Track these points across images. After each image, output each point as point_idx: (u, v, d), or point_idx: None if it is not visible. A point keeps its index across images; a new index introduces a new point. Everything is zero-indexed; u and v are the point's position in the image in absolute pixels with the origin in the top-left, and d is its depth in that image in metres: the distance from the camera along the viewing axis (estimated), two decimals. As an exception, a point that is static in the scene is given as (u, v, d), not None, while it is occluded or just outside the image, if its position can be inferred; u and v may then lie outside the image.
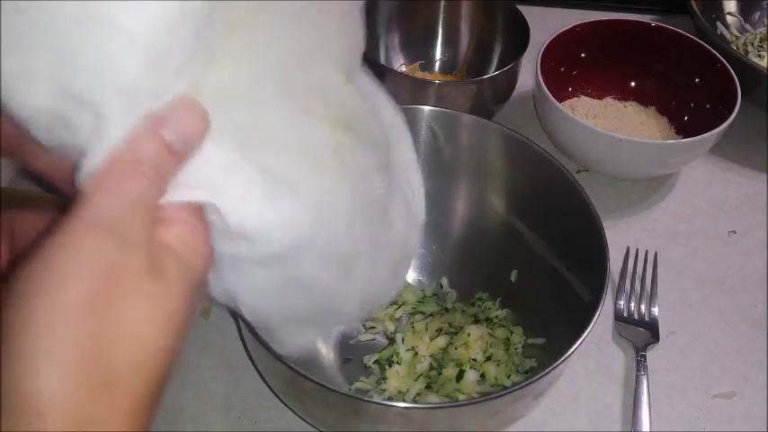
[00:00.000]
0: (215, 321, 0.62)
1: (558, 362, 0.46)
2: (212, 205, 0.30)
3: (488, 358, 0.56)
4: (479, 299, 0.62)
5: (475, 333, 0.57)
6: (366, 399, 0.44)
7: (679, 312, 0.64)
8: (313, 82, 0.34)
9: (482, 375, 0.56)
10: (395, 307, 0.62)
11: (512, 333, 0.58)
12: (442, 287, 0.64)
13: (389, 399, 0.55)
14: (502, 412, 0.49)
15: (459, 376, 0.55)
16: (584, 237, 0.54)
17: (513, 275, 0.62)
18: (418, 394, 0.56)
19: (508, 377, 0.56)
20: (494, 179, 0.62)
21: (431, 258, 0.65)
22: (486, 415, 0.48)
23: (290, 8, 0.33)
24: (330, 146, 0.34)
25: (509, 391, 0.45)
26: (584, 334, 0.47)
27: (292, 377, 0.46)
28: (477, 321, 0.60)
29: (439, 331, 0.59)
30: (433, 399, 0.55)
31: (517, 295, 0.61)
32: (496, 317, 0.60)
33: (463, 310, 0.61)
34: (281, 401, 0.55)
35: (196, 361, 0.59)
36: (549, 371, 0.45)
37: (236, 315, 0.61)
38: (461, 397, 0.54)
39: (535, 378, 0.45)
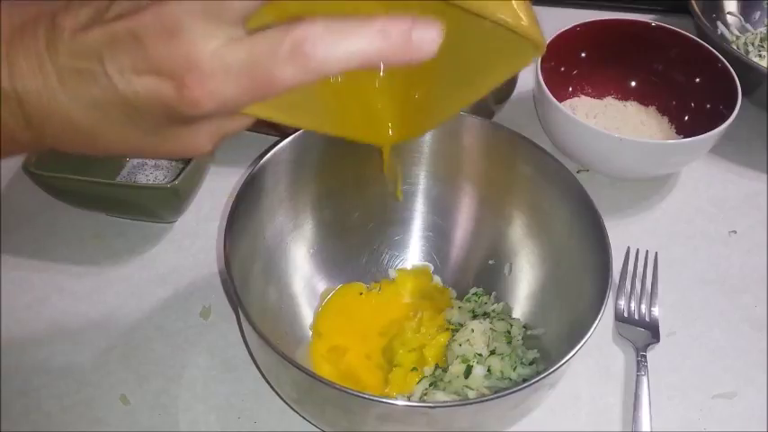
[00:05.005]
0: (215, 321, 0.62)
1: (578, 346, 0.46)
2: None
3: (492, 352, 0.56)
4: (475, 294, 0.62)
5: (478, 328, 0.57)
6: (391, 401, 0.44)
7: (679, 312, 0.64)
8: None
9: (487, 369, 0.56)
10: None
11: (511, 325, 0.58)
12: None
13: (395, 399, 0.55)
14: (521, 404, 0.49)
15: (468, 372, 0.55)
16: (586, 237, 0.54)
17: (507, 269, 0.62)
18: (424, 393, 0.56)
19: (514, 369, 0.56)
20: (494, 179, 0.62)
21: (424, 258, 0.65)
22: (507, 408, 0.48)
23: None
24: None
25: (533, 381, 0.45)
26: (593, 326, 0.47)
27: (310, 383, 0.45)
28: (475, 316, 0.60)
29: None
30: (441, 396, 0.54)
31: (511, 288, 0.61)
32: (493, 311, 0.60)
33: (459, 307, 0.61)
34: (284, 402, 0.55)
35: (196, 361, 0.59)
36: (570, 357, 0.46)
37: (237, 315, 0.61)
38: (470, 393, 0.54)
39: (556, 367, 0.46)
